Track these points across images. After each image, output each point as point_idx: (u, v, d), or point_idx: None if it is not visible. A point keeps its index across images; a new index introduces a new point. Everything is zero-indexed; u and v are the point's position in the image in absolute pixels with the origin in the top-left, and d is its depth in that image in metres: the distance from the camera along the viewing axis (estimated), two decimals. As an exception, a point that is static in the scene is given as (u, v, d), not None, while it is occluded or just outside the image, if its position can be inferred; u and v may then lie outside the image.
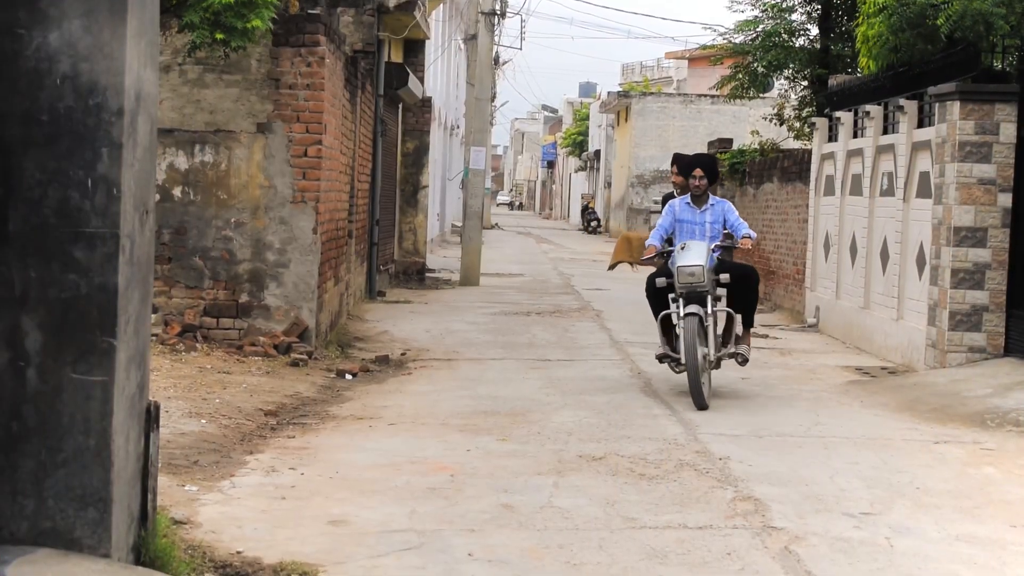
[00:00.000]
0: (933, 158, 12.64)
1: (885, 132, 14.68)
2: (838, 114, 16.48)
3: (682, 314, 9.97)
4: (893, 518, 6.78)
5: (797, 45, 21.13)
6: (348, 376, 11.10)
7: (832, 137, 17.01)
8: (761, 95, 22.66)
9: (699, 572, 5.70)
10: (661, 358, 10.41)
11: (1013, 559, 6.10)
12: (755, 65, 21.11)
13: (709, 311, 10.05)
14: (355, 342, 13.62)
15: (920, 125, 13.48)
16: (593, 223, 54.89)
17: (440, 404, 9.93)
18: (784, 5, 21.13)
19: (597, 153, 60.54)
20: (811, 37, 21.24)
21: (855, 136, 15.92)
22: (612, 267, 14.29)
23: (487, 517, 6.48)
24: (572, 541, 6.04)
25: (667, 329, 10.38)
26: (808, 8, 20.99)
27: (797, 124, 21.06)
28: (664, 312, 10.34)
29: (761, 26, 21.25)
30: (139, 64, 4.46)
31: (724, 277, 10.21)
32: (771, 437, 8.99)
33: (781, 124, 21.41)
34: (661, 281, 10.30)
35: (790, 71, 21.13)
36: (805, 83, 21.00)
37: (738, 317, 10.68)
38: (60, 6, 4.27)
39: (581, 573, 5.62)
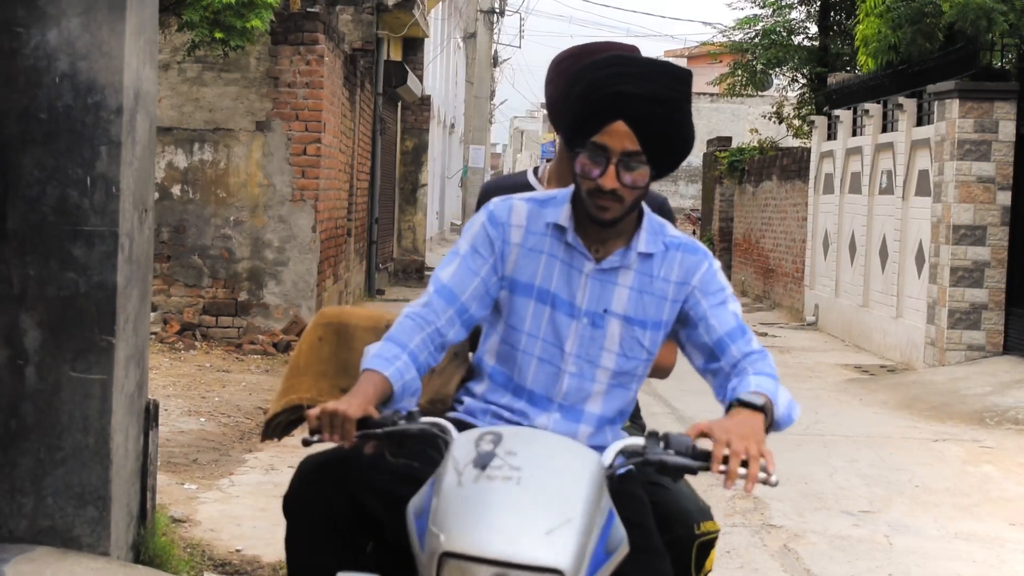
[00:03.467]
0: (932, 156, 12.64)
1: (884, 130, 14.68)
2: (837, 112, 16.48)
3: None
4: (892, 516, 6.78)
5: (796, 43, 21.16)
6: (347, 374, 11.07)
7: (831, 135, 17.01)
8: (760, 93, 22.67)
9: (698, 570, 5.69)
10: None
11: (1011, 557, 6.10)
12: (754, 63, 21.14)
13: None
14: (354, 340, 13.59)
15: (919, 123, 13.48)
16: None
17: (439, 402, 9.91)
18: (784, 3, 21.15)
19: (596, 151, 60.49)
20: (810, 35, 21.26)
21: (854, 134, 15.92)
22: (272, 427, 3.30)
23: (486, 515, 6.46)
24: (571, 539, 6.02)
25: None
26: (807, 6, 21.01)
27: (796, 122, 21.07)
28: None
29: (761, 24, 21.29)
30: (138, 62, 4.45)
31: None
32: (770, 435, 8.98)
33: (780, 122, 21.42)
34: None
35: (789, 69, 21.16)
36: (804, 81, 21.01)
37: None
38: (59, 4, 4.27)
39: (580, 571, 5.61)
